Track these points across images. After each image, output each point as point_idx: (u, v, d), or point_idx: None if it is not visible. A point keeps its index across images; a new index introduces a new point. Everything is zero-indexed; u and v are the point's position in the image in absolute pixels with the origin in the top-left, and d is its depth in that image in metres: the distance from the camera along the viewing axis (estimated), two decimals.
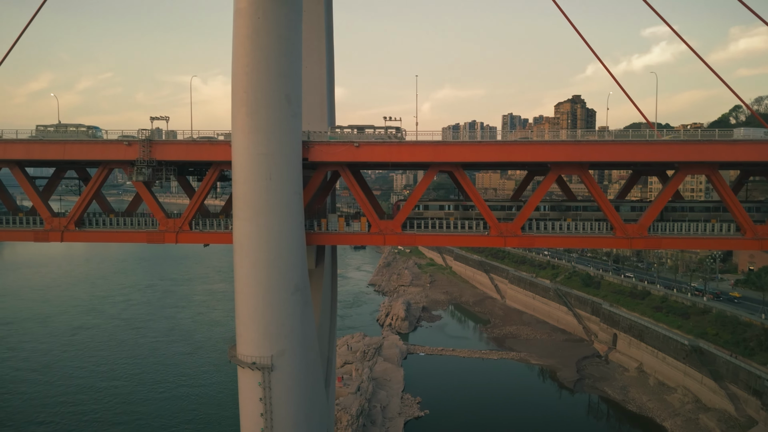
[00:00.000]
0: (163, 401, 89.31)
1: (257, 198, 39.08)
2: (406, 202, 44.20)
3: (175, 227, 44.77)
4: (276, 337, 40.10)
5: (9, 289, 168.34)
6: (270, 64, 38.88)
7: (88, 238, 45.92)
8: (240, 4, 39.33)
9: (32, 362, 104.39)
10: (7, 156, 42.69)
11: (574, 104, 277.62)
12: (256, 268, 39.64)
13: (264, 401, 40.15)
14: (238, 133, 39.34)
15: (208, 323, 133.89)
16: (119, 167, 45.12)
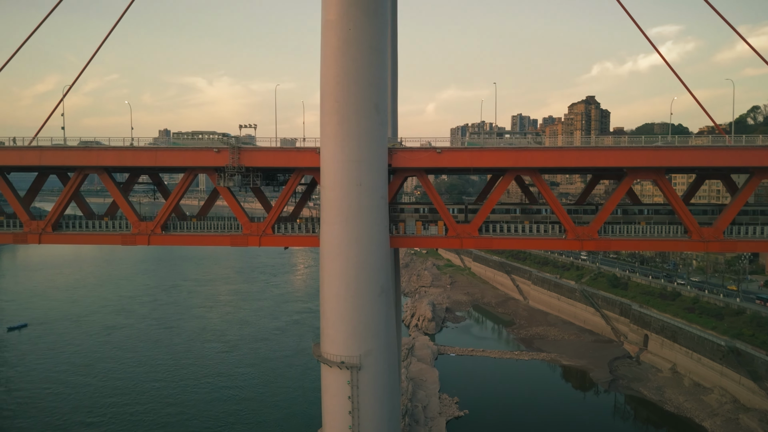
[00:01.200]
0: (207, 399, 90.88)
1: (347, 203, 40.53)
2: (483, 206, 45.55)
3: (258, 231, 46.26)
4: (364, 338, 41.52)
5: (36, 289, 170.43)
6: (360, 75, 40.37)
7: (174, 241, 47.39)
8: (330, 15, 40.86)
9: (72, 361, 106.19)
10: (100, 163, 44.25)
11: (588, 105, 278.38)
12: (345, 271, 41.08)
13: (352, 399, 41.46)
14: (329, 141, 40.83)
15: (238, 323, 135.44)
16: (206, 173, 46.59)
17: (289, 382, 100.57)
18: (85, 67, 48.00)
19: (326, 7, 41.10)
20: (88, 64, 48.61)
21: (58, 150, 43.96)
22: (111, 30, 48.41)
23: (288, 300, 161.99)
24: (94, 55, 48.98)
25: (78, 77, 48.02)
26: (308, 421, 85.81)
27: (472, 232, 44.88)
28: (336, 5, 40.34)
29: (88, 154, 43.72)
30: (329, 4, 40.72)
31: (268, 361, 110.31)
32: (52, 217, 46.10)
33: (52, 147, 44.11)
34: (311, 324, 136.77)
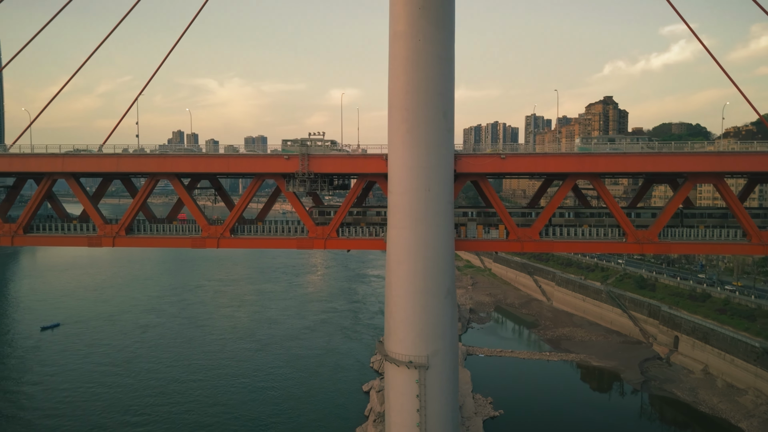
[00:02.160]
0: (245, 397, 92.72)
1: (416, 208, 41.95)
2: (544, 210, 46.76)
3: (323, 234, 47.81)
4: (431, 338, 42.91)
5: (65, 289, 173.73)
6: (429, 84, 41.78)
7: (244, 244, 49.07)
8: (398, 27, 42.33)
9: (111, 359, 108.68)
10: (174, 169, 46.06)
11: (606, 105, 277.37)
12: (413, 273, 42.50)
13: (420, 397, 42.85)
14: (397, 148, 42.29)
15: (267, 322, 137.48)
16: (274, 179, 48.23)
17: (322, 380, 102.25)
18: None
19: (395, 19, 42.56)
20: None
21: (136, 157, 45.85)
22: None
23: (313, 300, 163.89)
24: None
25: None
26: (345, 418, 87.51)
27: (533, 235, 46.13)
28: (405, 17, 41.77)
29: (164, 161, 45.52)
30: (398, 16, 42.17)
31: (300, 359, 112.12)
32: (125, 221, 47.96)
33: (131, 155, 45.97)
34: (338, 323, 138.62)
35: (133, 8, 49.78)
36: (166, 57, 48.11)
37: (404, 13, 41.78)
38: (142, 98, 47.47)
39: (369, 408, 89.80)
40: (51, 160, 45.80)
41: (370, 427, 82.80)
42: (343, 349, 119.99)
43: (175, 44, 48.60)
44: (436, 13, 41.64)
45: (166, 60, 47.13)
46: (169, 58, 46.52)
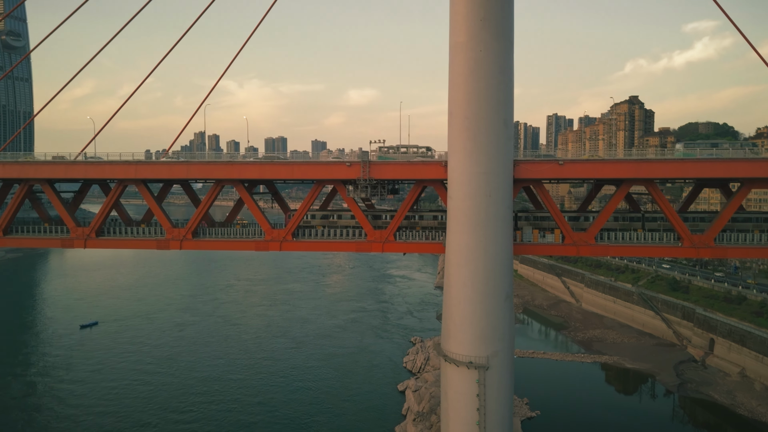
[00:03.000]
0: (286, 393, 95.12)
1: (477, 213, 43.24)
2: (600, 214, 47.74)
3: (381, 238, 49.40)
4: (491, 340, 44.20)
5: (100, 288, 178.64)
6: (490, 93, 43.03)
7: (308, 248, 50.90)
8: (459, 38, 43.67)
9: (153, 355, 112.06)
10: (242, 176, 48.07)
11: (632, 105, 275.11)
12: (474, 277, 43.81)
13: (480, 397, 44.18)
14: (458, 155, 43.64)
15: (299, 320, 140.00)
16: (334, 185, 49.95)
17: (358, 378, 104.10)
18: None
19: (455, 31, 43.92)
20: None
21: (205, 164, 47.97)
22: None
23: (341, 299, 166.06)
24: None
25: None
26: (383, 417, 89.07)
27: (589, 239, 47.13)
28: (466, 29, 43.10)
29: (232, 168, 47.61)
30: (459, 28, 43.51)
31: (334, 358, 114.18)
32: (192, 225, 50.18)
33: (200, 162, 48.10)
34: (368, 323, 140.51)
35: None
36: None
37: (465, 25, 43.10)
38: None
39: (406, 407, 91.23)
40: (125, 168, 48.19)
41: (409, 425, 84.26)
42: (375, 348, 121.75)
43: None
44: (496, 24, 42.89)
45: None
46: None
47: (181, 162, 48.38)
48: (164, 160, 49.64)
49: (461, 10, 43.36)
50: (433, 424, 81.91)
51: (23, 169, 49.48)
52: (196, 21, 52.04)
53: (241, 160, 48.64)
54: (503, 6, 43.29)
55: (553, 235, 48.63)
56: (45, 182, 50.64)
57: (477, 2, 42.48)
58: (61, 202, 51.03)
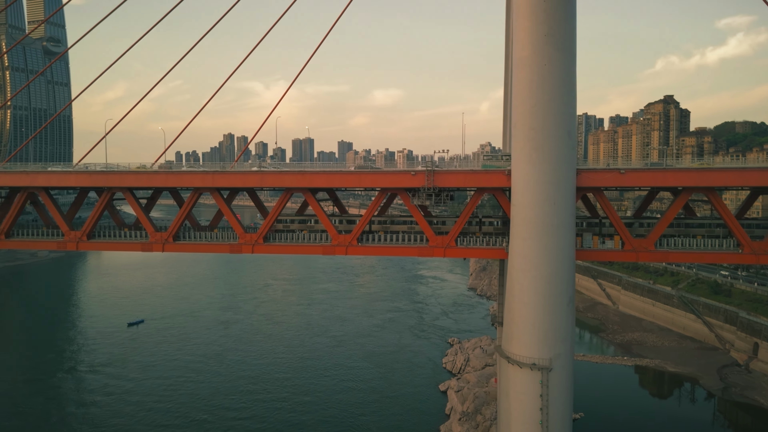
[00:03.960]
0: (332, 390, 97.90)
1: (541, 220, 44.97)
2: (660, 221, 48.90)
3: (443, 243, 51.50)
4: (554, 342, 45.90)
5: (142, 287, 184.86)
6: (554, 105, 44.73)
7: (370, 252, 53.41)
8: (523, 53, 45.46)
9: (203, 352, 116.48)
10: (312, 185, 50.74)
11: (667, 105, 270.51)
12: (538, 281, 45.55)
13: (543, 397, 45.93)
14: (523, 164, 45.43)
15: (338, 319, 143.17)
16: (398, 193, 52.28)
17: (399, 376, 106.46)
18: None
19: (519, 46, 45.76)
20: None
21: (278, 174, 50.88)
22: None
23: (377, 299, 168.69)
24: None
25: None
26: (427, 416, 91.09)
27: (649, 246, 48.37)
28: (530, 43, 44.91)
29: (302, 177, 50.36)
30: (523, 42, 45.34)
31: (375, 356, 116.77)
32: (264, 230, 53.11)
33: (273, 171, 51.02)
34: (405, 323, 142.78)
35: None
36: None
37: (529, 40, 44.93)
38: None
39: (449, 407, 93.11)
40: (202, 177, 51.38)
41: (454, 424, 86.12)
42: (414, 347, 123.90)
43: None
44: (560, 38, 44.63)
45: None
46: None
47: (255, 171, 51.32)
48: (239, 169, 52.68)
49: (526, 25, 45.21)
50: (479, 423, 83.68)
51: (108, 178, 53.15)
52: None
53: (311, 170, 51.36)
54: (567, 21, 45.01)
55: (612, 241, 49.94)
56: (127, 190, 54.23)
57: (541, 18, 44.28)
58: (141, 209, 54.57)
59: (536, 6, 44.45)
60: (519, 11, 45.94)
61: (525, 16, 45.32)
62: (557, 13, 44.35)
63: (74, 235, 55.47)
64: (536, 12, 44.47)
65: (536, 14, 44.50)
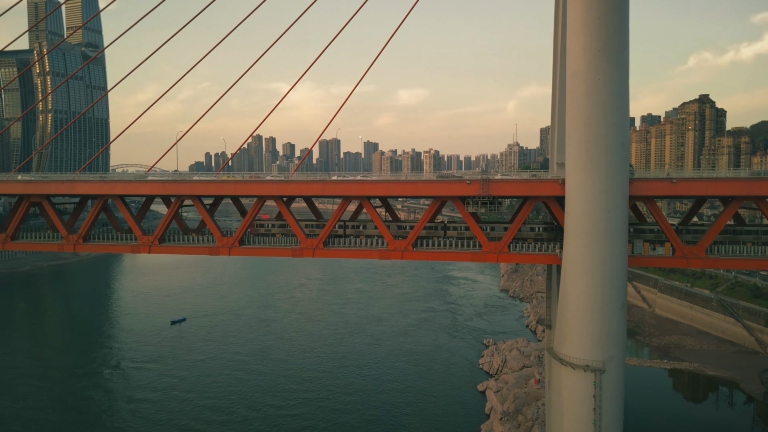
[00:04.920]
0: (374, 388, 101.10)
1: (595, 228, 46.83)
2: (711, 228, 50.22)
3: (496, 249, 53.77)
4: (607, 345, 47.73)
5: (182, 286, 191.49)
6: (608, 118, 46.53)
7: (430, 257, 56.07)
8: (577, 67, 47.39)
9: (247, 349, 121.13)
10: (374, 193, 53.70)
11: (702, 104, 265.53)
12: (592, 287, 47.43)
13: (596, 398, 47.81)
14: (577, 174, 47.35)
15: (374, 318, 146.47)
16: (452, 200, 54.77)
17: (437, 375, 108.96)
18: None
19: (573, 61, 47.73)
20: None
21: (339, 183, 53.95)
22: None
23: (410, 299, 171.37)
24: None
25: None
26: (467, 415, 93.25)
27: (699, 252, 49.78)
28: (584, 58, 46.82)
29: (362, 186, 53.39)
30: (576, 57, 47.29)
31: (413, 354, 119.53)
32: (323, 236, 56.24)
33: (335, 181, 54.11)
34: (439, 322, 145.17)
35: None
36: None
37: (583, 55, 46.86)
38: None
39: (489, 407, 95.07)
40: (267, 185, 54.79)
41: (495, 424, 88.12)
42: (450, 347, 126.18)
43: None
44: (614, 53, 46.41)
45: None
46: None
47: (319, 181, 54.51)
48: (304, 179, 55.97)
49: (579, 41, 47.17)
50: (521, 423, 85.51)
51: (180, 186, 57.04)
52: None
53: (371, 179, 54.30)
54: (620, 36, 46.78)
55: (663, 247, 51.47)
56: (196, 198, 58.08)
57: (595, 35, 46.18)
58: (208, 215, 58.36)
59: (590, 22, 46.34)
60: (572, 27, 47.90)
61: (578, 32, 47.25)
62: (610, 29, 46.15)
63: (147, 239, 59.66)
64: (590, 28, 46.36)
65: (590, 30, 46.39)
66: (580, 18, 46.92)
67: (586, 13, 46.50)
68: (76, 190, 60.13)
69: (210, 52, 59.11)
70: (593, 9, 46.23)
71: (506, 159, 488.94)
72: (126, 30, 63.06)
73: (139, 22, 62.21)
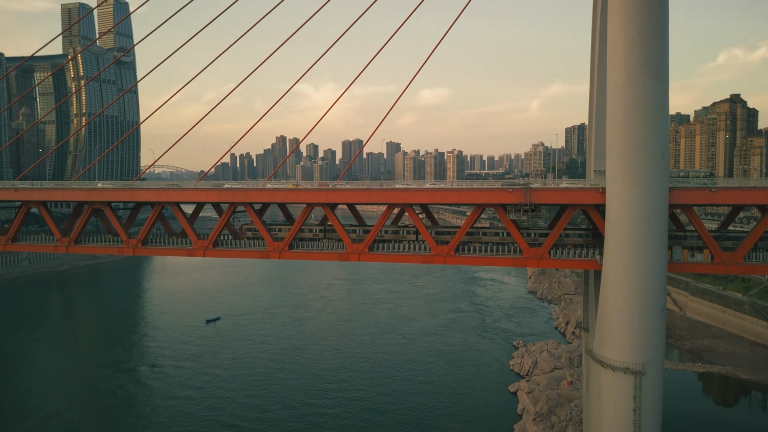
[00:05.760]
0: (408, 386, 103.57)
1: (636, 236, 48.62)
2: (749, 236, 51.51)
3: (536, 254, 55.87)
4: (647, 348, 49.49)
5: (215, 286, 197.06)
6: (649, 130, 48.27)
7: (470, 262, 58.47)
8: (617, 81, 49.25)
9: (283, 346, 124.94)
10: (417, 201, 56.27)
11: (734, 104, 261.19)
12: (633, 292, 49.24)
13: (636, 399, 49.57)
14: (618, 183, 49.18)
15: (403, 318, 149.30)
16: (493, 208, 57.03)
17: (469, 374, 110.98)
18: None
19: (613, 74, 49.56)
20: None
21: (384, 191, 56.77)
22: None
23: (438, 300, 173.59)
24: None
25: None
26: (500, 415, 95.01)
27: (738, 259, 51.10)
28: (624, 72, 48.62)
29: (407, 194, 56.05)
30: (617, 70, 49.10)
31: (444, 354, 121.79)
32: (369, 241, 59.15)
33: (381, 189, 56.92)
34: (468, 323, 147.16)
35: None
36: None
37: (624, 69, 48.66)
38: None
39: (521, 408, 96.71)
40: (317, 194, 57.88)
41: (529, 424, 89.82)
42: (480, 347, 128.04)
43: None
44: (654, 67, 48.12)
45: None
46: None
47: (365, 189, 57.37)
48: (356, 187, 58.99)
49: (620, 55, 49.00)
50: (554, 424, 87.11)
51: (234, 194, 60.57)
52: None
53: (416, 188, 56.92)
54: (660, 51, 48.47)
55: (702, 254, 52.89)
56: (248, 205, 61.55)
57: (636, 50, 47.96)
58: (260, 221, 61.75)
59: (631, 38, 48.11)
60: (613, 41, 49.71)
61: (619, 47, 49.05)
62: (651, 44, 47.87)
63: (202, 244, 63.37)
64: (631, 43, 48.13)
65: (631, 46, 48.16)
66: (621, 33, 48.70)
67: (627, 29, 48.28)
68: (138, 197, 64.26)
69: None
70: (634, 25, 48.01)
71: (530, 159, 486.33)
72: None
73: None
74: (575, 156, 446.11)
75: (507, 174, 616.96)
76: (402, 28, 60.60)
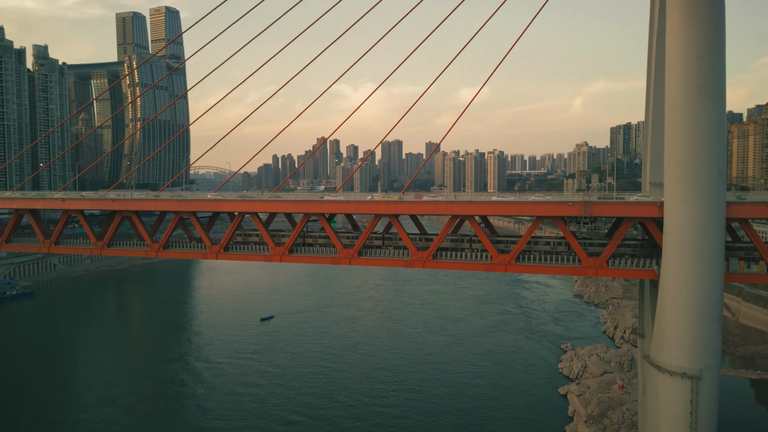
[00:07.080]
0: (458, 384, 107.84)
1: (694, 249, 51.29)
2: None
3: (595, 264, 59.15)
4: (704, 355, 52.12)
5: (267, 285, 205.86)
6: (706, 147, 50.85)
7: (523, 270, 62.42)
8: (675, 101, 52.01)
9: (338, 344, 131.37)
10: (472, 212, 60.62)
11: None
12: (691, 301, 51.92)
13: (692, 403, 52.31)
14: (676, 199, 51.98)
15: (451, 319, 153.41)
16: (553, 220, 60.66)
17: (518, 376, 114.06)
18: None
19: (672, 95, 52.30)
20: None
21: (448, 203, 61.37)
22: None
23: (483, 302, 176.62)
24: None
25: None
26: (551, 417, 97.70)
27: None
28: (682, 93, 51.31)
29: (470, 206, 60.44)
30: (675, 92, 51.82)
31: (493, 354, 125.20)
32: (434, 248, 63.85)
33: (444, 201, 61.49)
34: (515, 325, 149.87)
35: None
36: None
37: (681, 90, 51.38)
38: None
39: (572, 410, 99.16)
40: (386, 205, 62.94)
41: (580, 426, 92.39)
42: (528, 349, 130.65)
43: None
44: (712, 89, 50.68)
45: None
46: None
47: (430, 201, 62.09)
48: (415, 200, 63.80)
49: (678, 77, 51.75)
50: (606, 426, 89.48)
51: (310, 205, 66.38)
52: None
53: (477, 200, 61.28)
54: (717, 74, 50.98)
55: (758, 265, 55.02)
56: (321, 216, 67.26)
57: (694, 72, 50.61)
58: (332, 231, 67.36)
59: (689, 61, 50.78)
60: (671, 63, 52.46)
61: (677, 68, 51.80)
62: (709, 67, 50.42)
63: (279, 250, 69.50)
64: (689, 66, 50.81)
65: (689, 68, 50.85)
66: (679, 56, 51.43)
67: (684, 53, 51.01)
68: (221, 208, 71.05)
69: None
70: (692, 48, 50.70)
71: (574, 159, 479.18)
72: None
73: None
74: (621, 156, 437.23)
75: (549, 174, 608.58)
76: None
